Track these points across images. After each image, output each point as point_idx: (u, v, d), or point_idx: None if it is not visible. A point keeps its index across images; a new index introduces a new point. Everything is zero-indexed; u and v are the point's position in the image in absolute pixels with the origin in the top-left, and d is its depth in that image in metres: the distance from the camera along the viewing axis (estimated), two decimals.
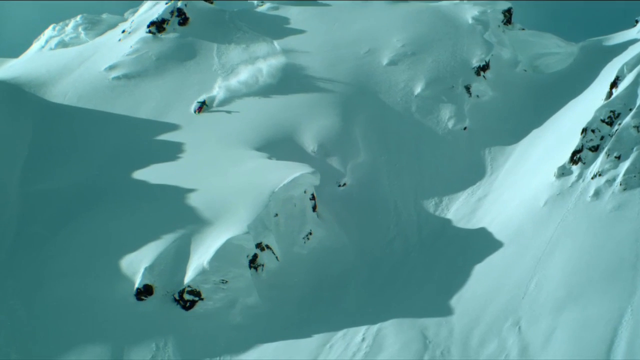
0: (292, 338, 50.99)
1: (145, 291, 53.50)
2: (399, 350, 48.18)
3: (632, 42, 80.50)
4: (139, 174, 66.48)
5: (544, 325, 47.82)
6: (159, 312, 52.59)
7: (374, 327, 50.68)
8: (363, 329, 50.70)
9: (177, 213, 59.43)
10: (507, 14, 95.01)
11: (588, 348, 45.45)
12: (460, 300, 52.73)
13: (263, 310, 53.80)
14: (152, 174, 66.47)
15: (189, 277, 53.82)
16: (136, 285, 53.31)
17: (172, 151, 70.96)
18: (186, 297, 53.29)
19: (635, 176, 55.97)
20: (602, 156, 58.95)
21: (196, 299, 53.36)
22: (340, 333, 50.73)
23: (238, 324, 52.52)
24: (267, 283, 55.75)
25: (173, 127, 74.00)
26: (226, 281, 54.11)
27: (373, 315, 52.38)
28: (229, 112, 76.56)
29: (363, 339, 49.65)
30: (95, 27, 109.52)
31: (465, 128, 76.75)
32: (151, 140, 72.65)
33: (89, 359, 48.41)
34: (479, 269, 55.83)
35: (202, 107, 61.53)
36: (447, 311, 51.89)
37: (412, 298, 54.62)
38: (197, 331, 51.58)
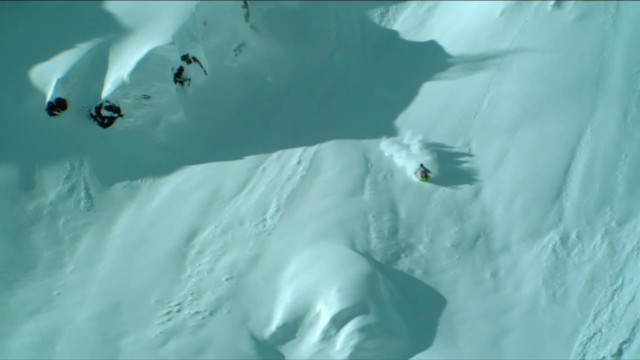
0: (222, 159, 46.77)
1: (58, 105, 48.07)
2: (338, 173, 44.39)
3: None
4: None
5: (497, 147, 44.46)
6: (73, 128, 47.51)
7: (312, 149, 46.72)
8: (299, 150, 46.69)
9: (93, 19, 52.73)
10: None
11: (543, 171, 42.45)
12: (407, 121, 48.77)
13: (190, 128, 49.07)
14: None
15: (107, 91, 48.43)
16: (48, 99, 47.84)
17: None
18: (104, 113, 48.20)
19: None
20: None
21: (115, 115, 48.29)
22: (275, 155, 46.71)
23: (162, 144, 47.94)
24: (194, 99, 50.54)
25: None
26: (148, 96, 48.88)
27: (310, 135, 48.25)
28: None
29: (299, 162, 45.62)
30: None
31: None
32: None
33: None
34: (427, 87, 51.64)
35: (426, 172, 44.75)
36: (391, 132, 48.00)
37: (354, 118, 50.35)
38: (116, 150, 46.92)
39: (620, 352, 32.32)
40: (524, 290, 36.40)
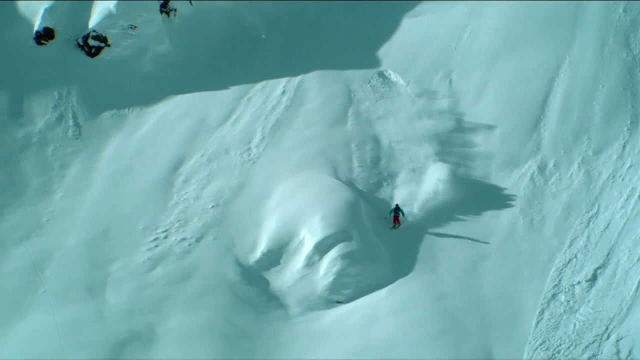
0: (207, 89, 44.81)
1: (46, 35, 45.90)
2: (321, 103, 42.53)
3: None
4: None
5: (477, 78, 42.69)
6: (61, 58, 45.49)
7: (296, 79, 44.62)
8: (283, 81, 44.58)
9: None
10: None
11: (522, 101, 40.82)
12: (389, 52, 46.71)
13: (176, 58, 46.94)
14: None
15: (94, 21, 46.34)
16: (35, 28, 45.71)
17: None
18: (91, 42, 46.00)
19: None
20: None
21: (102, 45, 46.15)
22: (259, 85, 44.64)
23: (148, 73, 45.91)
24: (180, 30, 48.27)
25: None
26: (135, 27, 46.70)
27: (294, 66, 46.16)
28: None
29: (283, 92, 43.62)
30: None
31: None
32: None
33: None
34: (408, 19, 49.66)
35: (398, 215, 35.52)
36: (374, 63, 46.01)
37: (337, 50, 48.14)
38: (103, 80, 44.94)
39: (594, 277, 31.35)
40: (502, 217, 35.10)
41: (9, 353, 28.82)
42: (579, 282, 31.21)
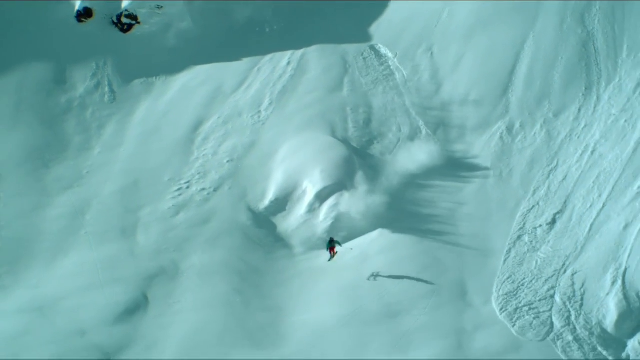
0: (223, 61, 42.94)
1: (85, 14, 43.99)
2: (321, 73, 40.84)
3: None
4: None
5: (454, 51, 40.86)
6: (98, 34, 43.59)
7: (299, 52, 42.73)
8: (289, 53, 42.69)
9: None
10: None
11: (493, 71, 39.20)
12: (379, 28, 44.58)
13: (196, 34, 44.78)
14: None
15: (126, 1, 44.36)
16: (76, 8, 43.82)
17: None
18: (124, 20, 44.13)
19: None
20: None
21: (133, 22, 44.25)
22: (268, 57, 42.72)
23: (173, 47, 43.86)
24: (200, 9, 46.13)
25: None
26: (161, 7, 44.86)
27: (298, 41, 44.05)
28: None
29: (289, 63, 41.85)
30: None
31: None
32: None
33: (33, 76, 40.26)
34: (395, 1, 46.80)
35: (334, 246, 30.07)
36: (366, 38, 44.04)
37: (334, 27, 45.81)
38: (134, 53, 43.05)
39: (554, 221, 30.63)
40: (476, 171, 34.19)
41: (55, 284, 28.36)
42: (540, 225, 30.51)
